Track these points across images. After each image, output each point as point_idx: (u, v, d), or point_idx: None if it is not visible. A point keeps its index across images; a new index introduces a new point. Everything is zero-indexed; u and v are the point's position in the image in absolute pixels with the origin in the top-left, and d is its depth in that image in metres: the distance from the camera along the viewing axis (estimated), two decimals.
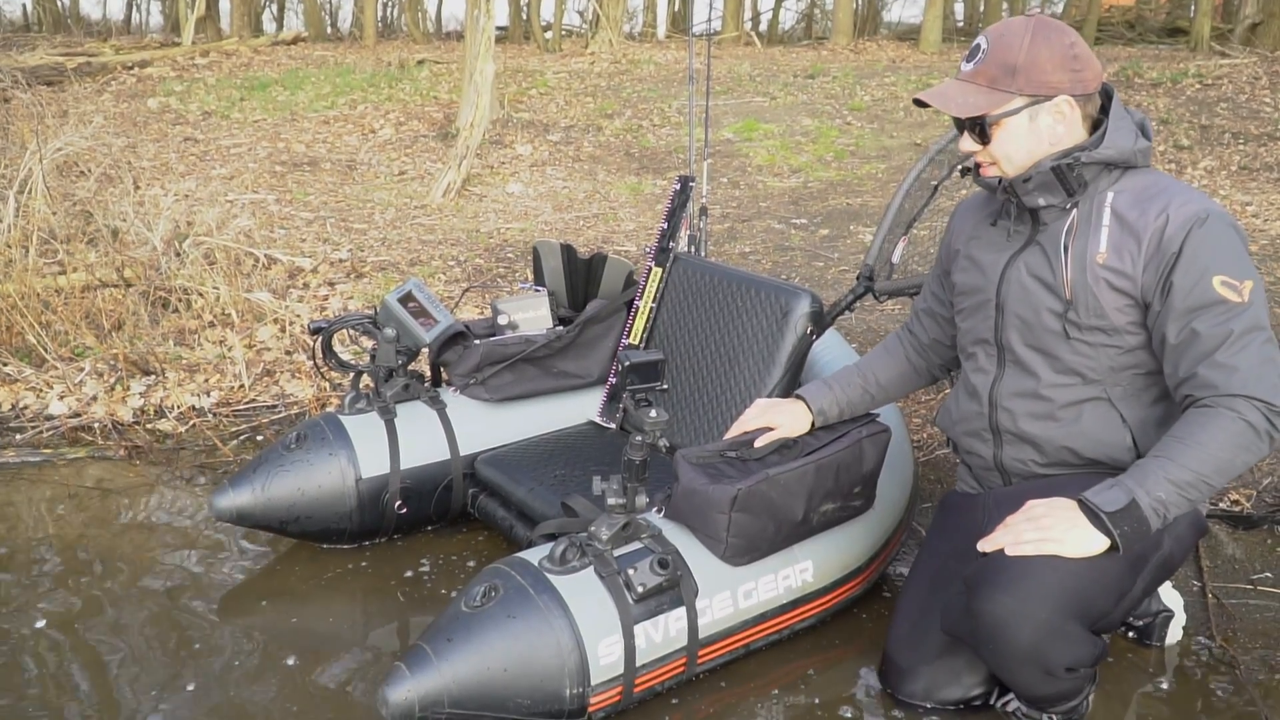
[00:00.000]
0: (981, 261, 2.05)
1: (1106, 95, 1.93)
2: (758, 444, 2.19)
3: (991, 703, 2.04)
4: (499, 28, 16.36)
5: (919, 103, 1.94)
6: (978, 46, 1.90)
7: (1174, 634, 2.27)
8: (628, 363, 1.98)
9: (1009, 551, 1.76)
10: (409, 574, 2.60)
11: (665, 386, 2.01)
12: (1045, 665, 1.78)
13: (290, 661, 2.24)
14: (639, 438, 2.00)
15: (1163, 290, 1.80)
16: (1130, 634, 2.30)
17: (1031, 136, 1.88)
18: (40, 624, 2.37)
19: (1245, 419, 1.72)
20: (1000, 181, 1.94)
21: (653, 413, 2.00)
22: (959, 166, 2.11)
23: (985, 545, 1.82)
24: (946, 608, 1.95)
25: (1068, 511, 1.76)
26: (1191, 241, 1.77)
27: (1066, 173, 1.86)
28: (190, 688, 2.15)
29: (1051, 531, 1.74)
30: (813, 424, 2.27)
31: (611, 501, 2.02)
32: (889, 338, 2.39)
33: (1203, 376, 1.76)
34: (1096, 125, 1.91)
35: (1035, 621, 1.73)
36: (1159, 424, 1.93)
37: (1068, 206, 1.90)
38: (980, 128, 1.89)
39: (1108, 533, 1.71)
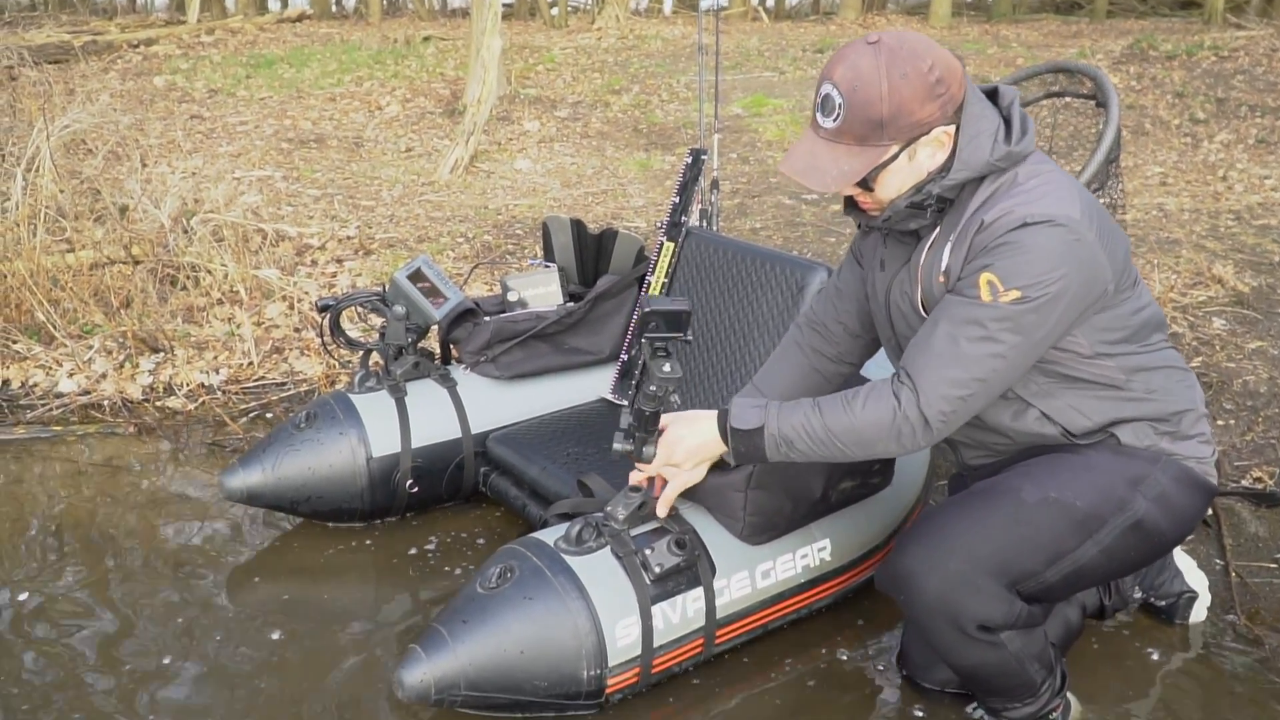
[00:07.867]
0: (876, 287, 1.92)
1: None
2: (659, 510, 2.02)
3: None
4: (505, 4, 16.25)
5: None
6: (830, 99, 1.66)
7: (1198, 614, 2.24)
8: (648, 308, 1.82)
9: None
10: (419, 552, 2.58)
11: (689, 338, 1.85)
12: (954, 618, 1.72)
13: (302, 640, 2.23)
14: (652, 387, 1.86)
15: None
16: (1158, 614, 2.27)
17: (912, 172, 1.71)
18: (49, 599, 2.35)
19: (895, 399, 1.67)
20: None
21: (666, 366, 1.84)
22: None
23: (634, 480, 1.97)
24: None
25: (691, 424, 1.86)
26: (1006, 241, 1.61)
27: (919, 206, 1.73)
28: (198, 664, 2.14)
29: (677, 462, 1.87)
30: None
31: (618, 446, 1.92)
32: (786, 345, 2.14)
33: (907, 352, 1.73)
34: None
35: (944, 571, 1.70)
36: (1077, 404, 1.79)
37: (936, 223, 1.77)
38: (863, 183, 1.73)
39: (726, 440, 1.79)
